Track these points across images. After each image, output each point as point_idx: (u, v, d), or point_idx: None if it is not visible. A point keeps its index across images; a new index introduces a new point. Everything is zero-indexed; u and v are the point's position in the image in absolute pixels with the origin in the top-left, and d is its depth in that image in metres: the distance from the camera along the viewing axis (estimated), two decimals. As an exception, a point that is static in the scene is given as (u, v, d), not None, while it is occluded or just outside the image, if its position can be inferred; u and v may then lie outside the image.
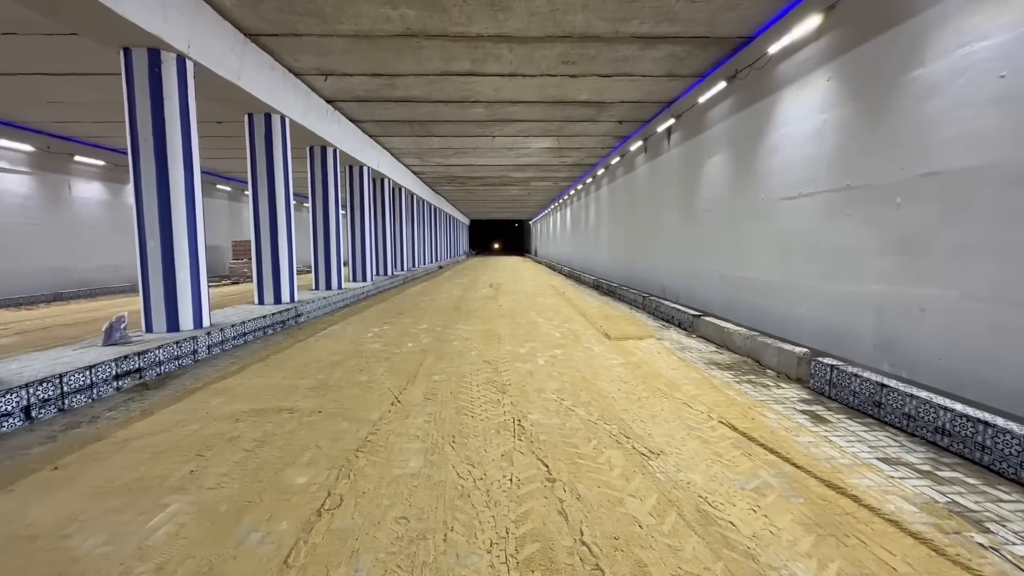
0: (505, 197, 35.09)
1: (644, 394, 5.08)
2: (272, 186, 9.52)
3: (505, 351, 7.06)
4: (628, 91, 10.88)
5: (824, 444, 3.84)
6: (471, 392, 5.11)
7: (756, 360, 6.56)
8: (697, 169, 10.33)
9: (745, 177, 8.31)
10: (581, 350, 7.16)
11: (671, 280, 11.98)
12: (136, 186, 6.47)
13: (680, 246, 11.36)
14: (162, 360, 5.77)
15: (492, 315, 10.66)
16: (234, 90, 8.00)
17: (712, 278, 9.64)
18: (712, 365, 6.40)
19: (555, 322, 9.73)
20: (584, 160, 19.58)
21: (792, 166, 6.98)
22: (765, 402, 4.88)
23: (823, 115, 6.29)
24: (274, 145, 9.49)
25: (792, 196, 6.94)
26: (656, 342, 7.82)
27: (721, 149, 9.24)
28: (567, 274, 24.44)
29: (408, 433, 4.01)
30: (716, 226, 9.47)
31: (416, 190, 24.16)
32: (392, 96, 11.22)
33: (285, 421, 4.27)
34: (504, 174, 23.61)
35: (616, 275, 17.34)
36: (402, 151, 17.75)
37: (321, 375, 5.78)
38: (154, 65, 6.35)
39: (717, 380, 5.64)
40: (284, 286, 9.84)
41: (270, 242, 9.61)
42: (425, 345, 7.50)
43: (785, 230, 7.14)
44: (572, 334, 8.41)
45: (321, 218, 12.61)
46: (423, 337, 8.14)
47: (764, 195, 7.69)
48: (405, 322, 9.72)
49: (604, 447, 3.75)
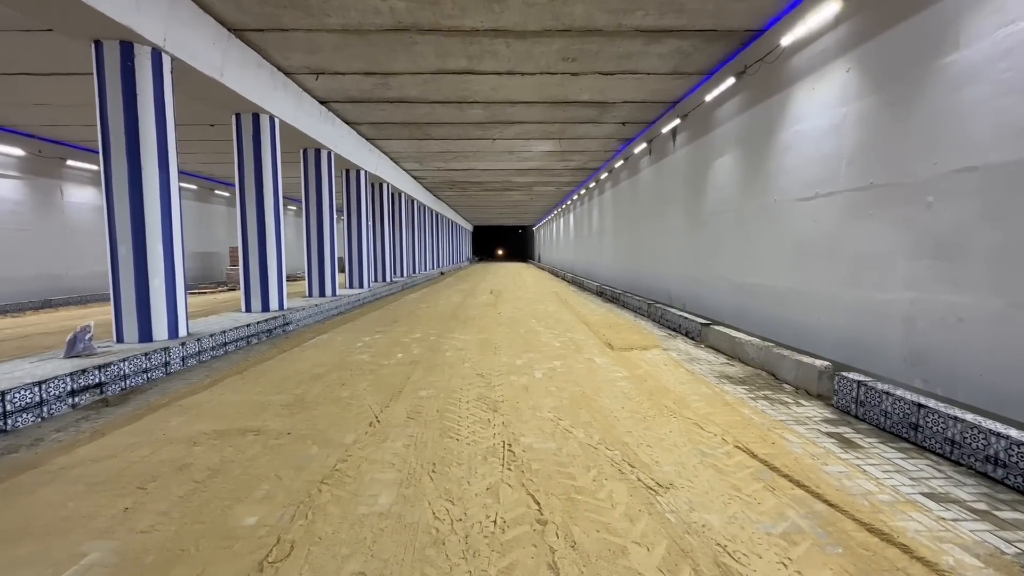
0: (507, 203, 34.73)
1: (650, 413, 4.60)
2: (260, 189, 9.14)
3: (501, 363, 6.59)
4: (632, 90, 10.47)
5: (858, 475, 3.35)
6: (459, 410, 4.65)
7: (771, 373, 6.07)
8: (704, 171, 9.88)
9: (756, 178, 7.85)
10: (582, 362, 6.68)
11: (677, 287, 11.49)
12: (107, 187, 6.08)
13: (687, 251, 10.89)
14: (127, 373, 5.34)
15: (490, 323, 10.20)
16: (217, 88, 7.63)
17: (721, 285, 9.15)
18: (723, 379, 5.91)
19: (556, 331, 9.26)
20: (587, 164, 19.17)
21: (808, 165, 6.51)
22: (785, 423, 4.39)
23: (842, 109, 5.83)
24: (262, 146, 9.11)
25: (808, 197, 6.47)
26: (662, 353, 7.33)
27: (730, 149, 8.78)
28: (570, 280, 23.97)
29: (383, 460, 3.55)
30: (725, 230, 9.00)
31: (416, 195, 23.81)
32: (387, 96, 10.86)
33: (248, 445, 3.82)
34: (506, 179, 23.23)
35: (620, 281, 16.86)
36: (401, 155, 17.41)
37: (299, 390, 5.33)
38: (127, 59, 5.98)
39: (730, 396, 5.15)
40: (272, 293, 9.43)
41: (258, 247, 9.21)
42: (416, 356, 7.04)
43: (800, 233, 6.66)
44: (573, 344, 7.94)
45: (315, 223, 12.22)
46: (415, 347, 7.68)
47: (777, 196, 7.22)
48: (398, 331, 9.27)
49: (605, 478, 3.28)
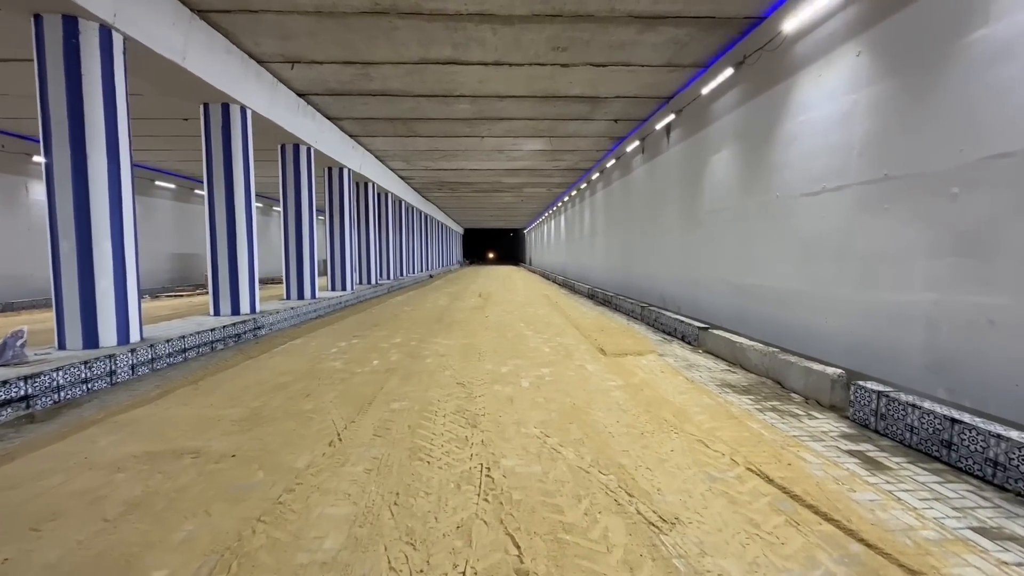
0: (498, 204, 34.26)
1: (648, 427, 4.11)
2: (230, 184, 8.56)
3: (484, 371, 6.08)
4: (625, 84, 10.04)
5: (892, 504, 2.87)
6: (434, 426, 4.12)
7: (777, 381, 5.61)
8: (700, 167, 9.46)
9: (756, 173, 7.42)
10: (573, 369, 6.18)
11: (672, 289, 11.05)
12: (48, 178, 5.50)
13: (682, 252, 10.45)
14: (62, 384, 4.75)
15: (476, 327, 9.68)
16: (180, 73, 7.07)
17: (718, 286, 8.71)
18: (726, 387, 5.44)
19: (545, 335, 8.76)
20: (578, 164, 18.75)
21: (813, 157, 6.09)
22: (799, 439, 3.91)
23: (852, 96, 5.41)
24: (233, 138, 8.54)
25: (814, 191, 6.04)
26: (658, 359, 6.86)
27: (727, 144, 8.36)
28: (561, 283, 23.52)
29: (338, 489, 3.02)
30: (723, 229, 8.57)
31: (404, 196, 23.25)
32: (369, 89, 10.33)
33: (181, 470, 3.26)
34: (496, 179, 22.76)
35: (612, 284, 16.41)
36: (387, 153, 16.87)
37: (257, 402, 4.77)
38: (70, 35, 5.41)
39: (735, 408, 4.67)
40: (243, 296, 8.84)
41: (227, 247, 8.62)
42: (393, 363, 6.50)
43: (806, 230, 6.23)
44: (563, 349, 7.44)
45: (293, 222, 11.64)
46: (393, 353, 7.14)
47: (779, 192, 6.80)
48: (378, 335, 8.72)
49: (599, 511, 2.77)
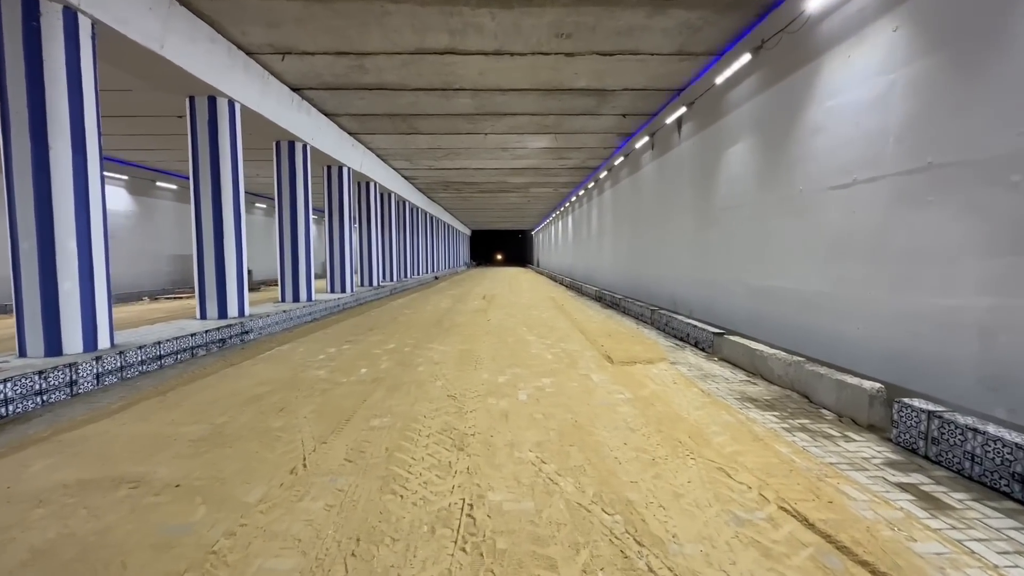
0: (505, 205, 33.80)
1: (661, 451, 3.57)
2: (217, 181, 8.15)
3: (480, 381, 5.57)
4: (633, 75, 9.51)
5: (967, 561, 2.32)
6: (415, 449, 3.62)
7: (804, 395, 5.04)
8: (714, 162, 8.89)
9: (776, 166, 6.86)
10: (576, 379, 5.66)
11: (683, 291, 10.48)
12: (7, 172, 5.09)
13: (694, 252, 9.88)
14: (10, 397, 4.32)
15: (476, 332, 9.18)
16: (159, 63, 6.66)
17: (734, 288, 8.14)
18: (747, 402, 4.89)
19: (548, 340, 8.24)
20: (585, 162, 18.22)
21: (842, 147, 5.52)
22: (837, 467, 3.36)
23: (889, 76, 4.84)
24: (220, 134, 8.13)
25: (843, 184, 5.47)
26: (670, 367, 6.31)
27: (744, 136, 7.80)
28: (568, 285, 22.98)
29: (289, 533, 2.52)
30: (738, 227, 8.00)
31: (408, 196, 22.85)
32: (365, 82, 9.90)
33: (112, 505, 2.79)
34: (501, 179, 22.29)
35: (621, 286, 15.85)
36: (388, 152, 16.45)
37: (223, 418, 4.30)
38: (31, 17, 5.00)
39: (759, 427, 4.13)
40: (231, 298, 8.42)
41: (214, 247, 8.20)
42: (382, 372, 6.02)
43: (834, 227, 5.66)
44: (567, 356, 6.92)
45: (288, 221, 11.23)
46: (384, 360, 6.66)
47: (803, 185, 6.23)
48: (371, 340, 8.25)
49: (601, 568, 2.25)
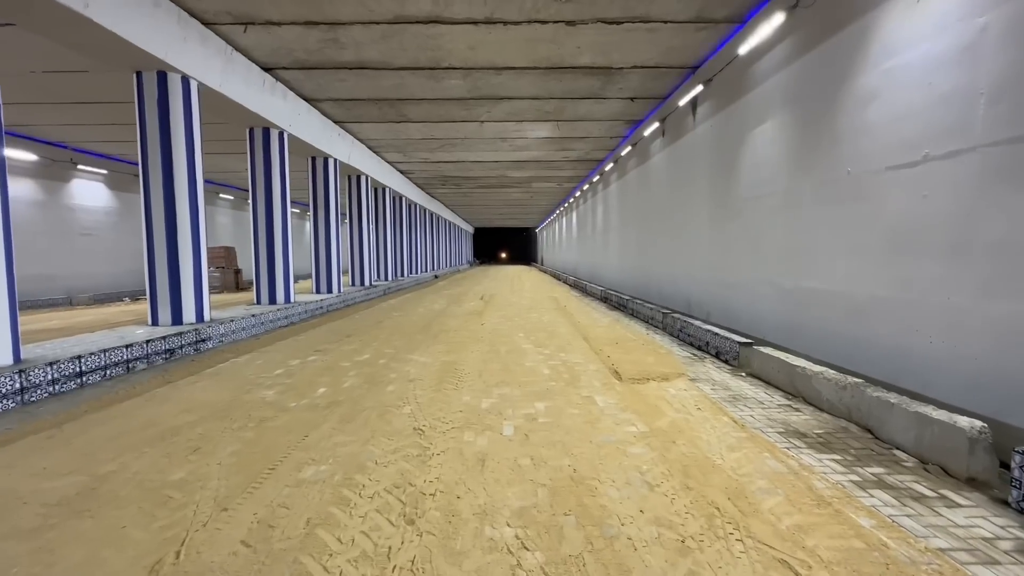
0: (507, 201, 32.74)
1: (692, 526, 2.54)
2: (169, 169, 7.16)
3: (459, 406, 4.55)
4: (643, 49, 8.43)
5: None
6: (348, 520, 2.60)
7: (864, 427, 3.98)
8: (736, 146, 7.81)
9: (816, 145, 5.78)
10: (577, 403, 4.63)
11: (698, 292, 9.41)
12: None
13: (712, 248, 8.80)
14: None
15: (467, 338, 8.17)
16: (88, 28, 5.66)
17: (761, 290, 7.07)
18: (793, 437, 3.84)
19: (547, 349, 7.21)
20: (590, 154, 17.13)
21: (908, 116, 4.44)
22: (950, 555, 2.31)
23: (978, 19, 3.76)
24: (172, 114, 7.14)
25: (909, 162, 4.39)
26: (690, 386, 5.26)
27: (774, 113, 6.71)
28: (572, 284, 21.91)
29: None
30: (766, 218, 6.92)
31: (405, 191, 21.85)
32: (343, 60, 8.88)
33: None
34: (501, 173, 21.23)
35: (628, 286, 14.77)
36: (379, 143, 15.45)
37: (113, 464, 3.30)
38: None
39: (820, 481, 3.07)
40: (187, 302, 7.44)
41: (166, 243, 7.23)
42: (343, 392, 5.01)
43: (894, 215, 4.58)
44: (567, 371, 5.89)
45: (264, 216, 10.25)
46: (351, 376, 5.65)
47: (853, 166, 5.15)
48: (344, 350, 7.25)
49: None
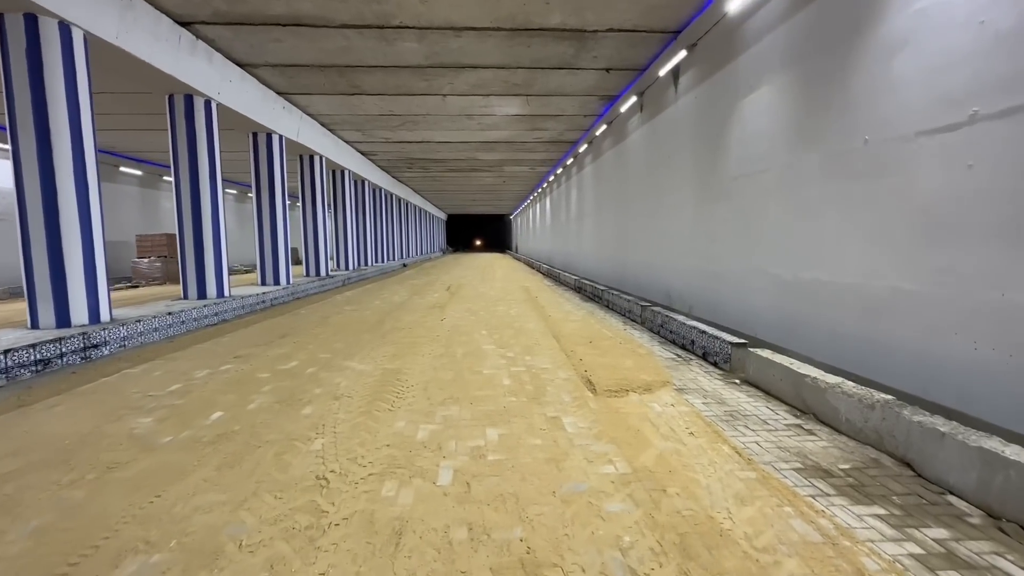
0: (479, 187, 31.50)
1: (703, 669, 1.60)
2: (45, 138, 5.84)
3: (387, 437, 3.53)
4: (620, 7, 7.40)
5: None
6: None
7: (902, 460, 3.13)
8: (724, 118, 6.91)
9: (823, 111, 4.89)
10: (540, 430, 3.66)
11: (681, 283, 8.57)
12: None
13: (695, 234, 7.94)
14: None
15: (421, 338, 7.12)
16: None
17: (752, 282, 6.23)
18: (815, 477, 2.96)
19: (512, 351, 6.24)
20: (563, 135, 16.11)
21: (950, 66, 3.56)
22: None
23: (1059, -71, 2.88)
24: (47, 70, 5.80)
25: (949, 124, 3.53)
26: (678, 399, 4.37)
27: (770, 76, 5.81)
28: (546, 273, 20.99)
29: None
30: (759, 199, 6.06)
31: (367, 175, 20.45)
32: (274, 14, 7.59)
33: None
34: (471, 155, 20.03)
35: (603, 275, 13.91)
36: (333, 119, 14.08)
37: None
38: None
39: (869, 559, 2.18)
40: (76, 298, 6.17)
41: (45, 229, 5.93)
42: (244, 418, 3.93)
43: (927, 192, 3.73)
44: (532, 381, 4.92)
45: (189, 198, 8.92)
46: (263, 393, 4.56)
47: (871, 133, 4.28)
48: (271, 355, 6.12)
49: None
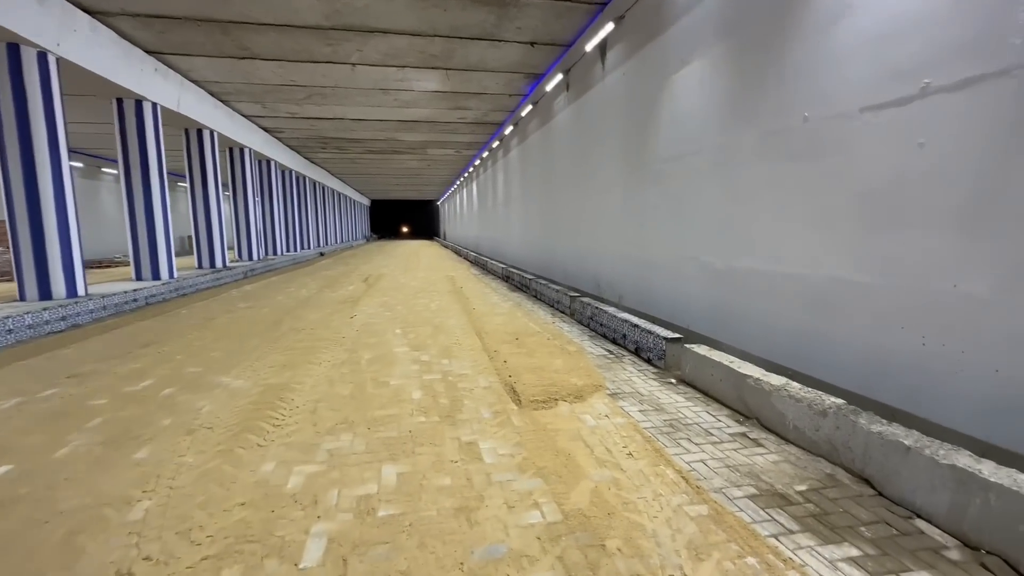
0: (402, 171, 29.89)
1: None
2: None
3: (246, 487, 2.65)
4: (544, -32, 6.73)
5: None
6: None
7: (859, 476, 2.77)
8: (654, 95, 6.48)
9: (759, 86, 4.52)
10: (451, 464, 2.95)
11: (610, 271, 8.18)
12: None
13: (625, 220, 7.54)
14: None
15: (322, 340, 6.14)
16: None
17: (684, 270, 5.89)
18: (773, 506, 2.50)
19: (428, 354, 5.47)
20: (488, 116, 15.30)
21: (900, 33, 3.22)
22: None
23: None
24: None
25: (899, 99, 3.20)
26: (612, 407, 3.84)
27: (703, 49, 5.40)
28: (473, 261, 20.24)
29: None
30: (692, 183, 5.69)
31: (274, 155, 18.46)
32: (122, -54, 6.11)
33: None
34: (390, 136, 18.66)
35: (532, 263, 13.41)
36: (225, 88, 12.27)
37: None
38: None
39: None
40: None
41: None
42: (41, 472, 2.86)
43: (873, 173, 3.41)
44: (448, 392, 4.20)
45: (20, 175, 7.17)
46: (86, 431, 3.45)
47: (811, 110, 3.93)
48: (121, 372, 4.88)
49: None
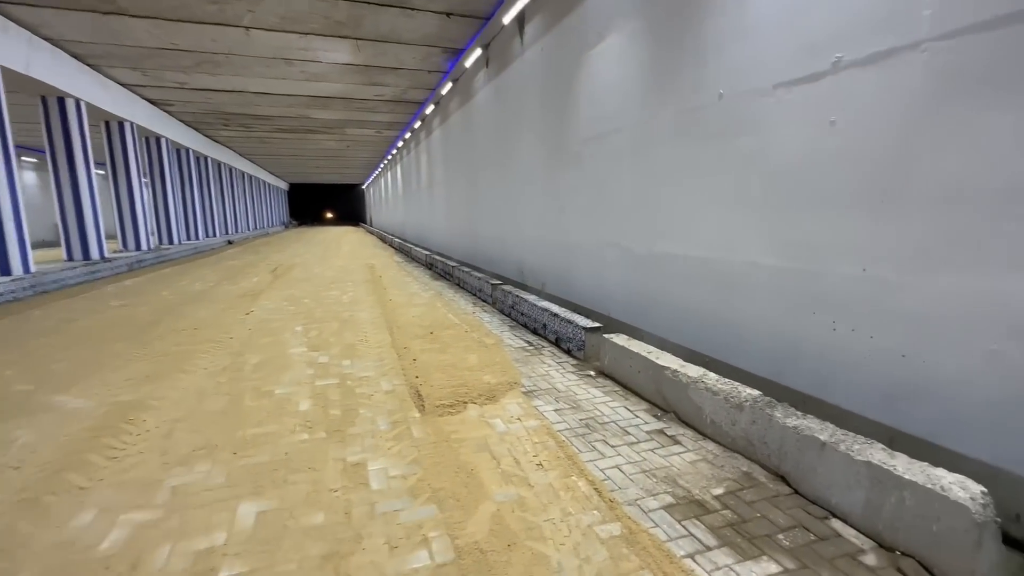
0: (321, 152, 27.94)
1: None
2: None
3: (36, 560, 2.04)
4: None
5: None
6: None
7: (775, 472, 2.63)
8: (572, 71, 6.16)
9: (676, 62, 4.31)
10: (329, 492, 2.47)
11: (532, 258, 7.88)
12: None
13: (546, 203, 7.24)
14: None
15: (206, 342, 5.31)
16: None
17: (605, 255, 5.68)
18: (689, 517, 2.27)
19: (328, 354, 4.86)
20: (407, 94, 14.41)
21: (813, 6, 3.07)
22: None
23: None
24: None
25: (811, 75, 3.05)
26: (526, 408, 3.51)
27: (621, 22, 5.12)
28: (397, 247, 19.34)
29: None
30: (612, 163, 5.45)
31: (163, 131, 16.40)
32: None
33: None
34: (302, 113, 17.17)
35: (455, 249, 12.90)
36: (91, 50, 10.51)
37: None
38: None
39: None
40: None
41: None
42: None
43: (786, 153, 3.28)
44: (342, 400, 3.67)
45: None
46: None
47: (726, 86, 3.75)
48: (-77, 394, 3.90)
49: None
